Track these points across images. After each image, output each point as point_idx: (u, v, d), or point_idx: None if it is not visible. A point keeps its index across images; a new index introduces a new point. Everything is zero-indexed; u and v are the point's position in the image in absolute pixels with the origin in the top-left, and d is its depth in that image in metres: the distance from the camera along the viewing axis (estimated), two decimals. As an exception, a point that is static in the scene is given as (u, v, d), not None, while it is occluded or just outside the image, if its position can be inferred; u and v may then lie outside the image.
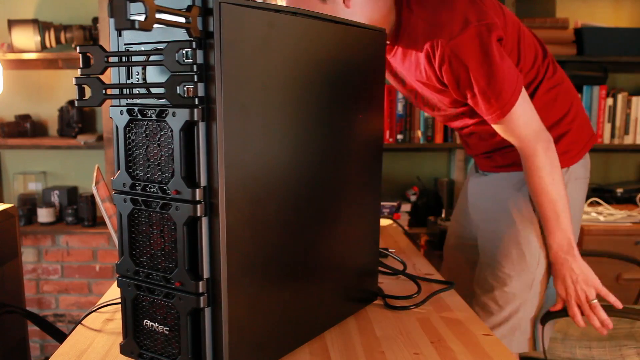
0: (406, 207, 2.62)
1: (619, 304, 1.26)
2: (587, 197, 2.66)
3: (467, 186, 1.52)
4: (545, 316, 1.32)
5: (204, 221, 0.69)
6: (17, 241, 1.37)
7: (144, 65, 0.71)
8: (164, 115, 0.69)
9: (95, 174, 1.11)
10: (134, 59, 0.72)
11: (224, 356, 0.72)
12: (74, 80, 0.71)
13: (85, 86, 0.71)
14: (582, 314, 1.26)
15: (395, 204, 2.61)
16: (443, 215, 2.62)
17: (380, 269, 1.20)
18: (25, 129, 2.68)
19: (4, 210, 1.31)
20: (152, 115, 0.70)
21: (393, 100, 2.57)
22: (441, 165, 2.84)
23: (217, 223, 0.69)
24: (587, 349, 1.43)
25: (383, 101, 1.02)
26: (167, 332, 0.74)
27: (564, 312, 1.29)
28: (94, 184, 1.07)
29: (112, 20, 0.64)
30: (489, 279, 1.32)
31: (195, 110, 0.66)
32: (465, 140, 1.44)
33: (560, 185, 1.22)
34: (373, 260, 1.05)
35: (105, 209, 1.09)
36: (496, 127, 1.21)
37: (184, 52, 0.66)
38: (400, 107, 2.58)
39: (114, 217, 1.18)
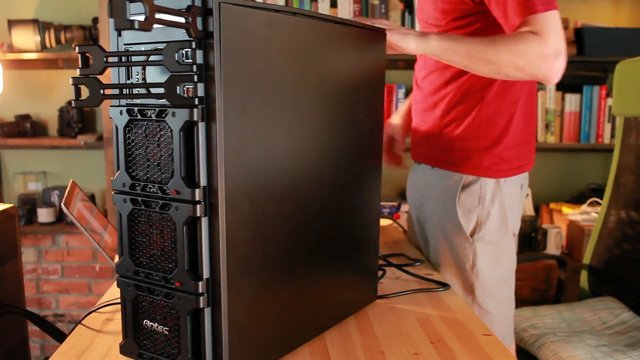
0: (406, 207, 2.62)
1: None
2: (587, 197, 2.68)
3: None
4: None
5: (204, 221, 0.69)
6: (17, 241, 1.37)
7: (144, 65, 0.71)
8: (163, 116, 0.69)
9: (67, 192, 1.11)
10: (134, 59, 0.72)
11: (224, 356, 0.72)
12: (71, 80, 0.71)
13: (84, 86, 0.71)
14: None
15: (395, 204, 2.61)
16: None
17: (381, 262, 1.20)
18: (25, 129, 2.68)
19: (4, 210, 1.31)
20: (152, 116, 0.70)
21: (393, 100, 2.57)
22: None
23: (216, 223, 0.69)
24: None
25: (383, 101, 1.02)
26: (166, 332, 0.74)
27: None
28: (63, 203, 1.07)
29: (111, 20, 0.64)
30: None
31: (195, 110, 0.66)
32: (415, 99, 1.38)
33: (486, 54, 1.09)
34: (373, 260, 1.05)
35: (79, 219, 1.10)
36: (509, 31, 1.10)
37: (183, 52, 0.66)
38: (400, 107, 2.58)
39: (91, 222, 1.18)
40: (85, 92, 0.70)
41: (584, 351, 1.41)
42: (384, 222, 1.78)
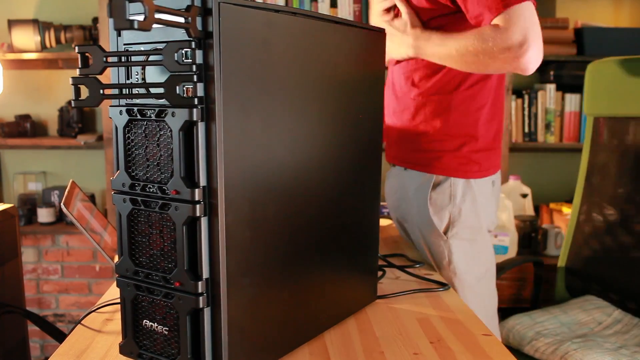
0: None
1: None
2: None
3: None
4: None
5: (204, 221, 0.69)
6: (17, 241, 1.37)
7: (144, 65, 0.71)
8: (163, 115, 0.69)
9: (66, 192, 1.11)
10: (133, 59, 0.72)
11: (224, 356, 0.72)
12: (70, 80, 0.71)
13: (83, 86, 0.71)
14: None
15: (395, 204, 2.60)
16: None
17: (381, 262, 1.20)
18: (25, 129, 2.68)
19: (4, 210, 1.31)
20: (152, 115, 0.70)
21: (393, 100, 2.57)
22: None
23: (216, 223, 0.69)
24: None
25: (383, 101, 1.02)
26: (166, 332, 0.74)
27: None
28: (62, 203, 1.07)
29: (111, 20, 0.64)
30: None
31: (195, 110, 0.66)
32: (390, 96, 1.39)
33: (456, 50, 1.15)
34: (373, 260, 1.05)
35: (79, 220, 1.10)
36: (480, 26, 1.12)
37: (183, 52, 0.66)
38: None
39: (91, 222, 1.18)
40: (85, 92, 0.70)
41: (611, 357, 1.40)
42: (384, 222, 1.78)
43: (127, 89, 0.72)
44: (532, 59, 1.09)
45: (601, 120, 1.75)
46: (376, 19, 1.35)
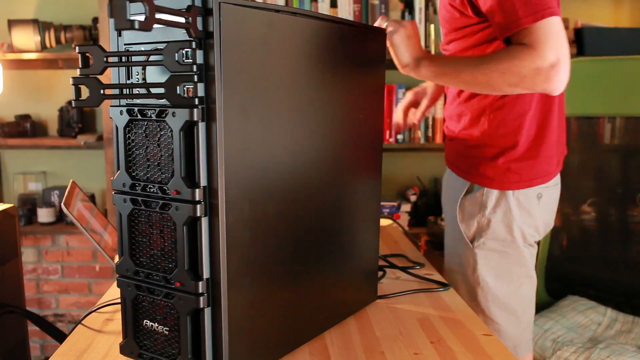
0: (406, 207, 2.63)
1: None
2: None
3: None
4: None
5: (204, 221, 0.69)
6: (17, 241, 1.37)
7: (144, 65, 0.71)
8: (163, 116, 0.69)
9: (67, 192, 1.11)
10: (134, 59, 0.72)
11: (224, 356, 0.72)
12: (71, 80, 0.71)
13: (84, 86, 0.71)
14: None
15: (395, 204, 2.61)
16: (443, 215, 2.62)
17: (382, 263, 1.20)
18: (25, 129, 2.68)
19: (4, 210, 1.31)
20: (152, 115, 0.70)
21: (393, 100, 2.57)
22: (441, 165, 2.83)
23: (217, 223, 0.69)
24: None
25: (383, 101, 1.02)
26: (167, 332, 0.74)
27: None
28: (63, 203, 1.07)
29: (112, 20, 0.64)
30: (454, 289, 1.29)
31: (195, 110, 0.66)
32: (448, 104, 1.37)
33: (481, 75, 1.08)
34: (373, 260, 1.05)
35: (79, 220, 1.10)
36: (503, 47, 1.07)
37: (183, 52, 0.66)
38: (400, 107, 2.58)
39: (91, 222, 1.18)
40: (85, 92, 0.70)
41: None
42: (384, 222, 1.77)
43: (128, 89, 0.72)
44: (562, 80, 1.03)
45: (572, 120, 1.75)
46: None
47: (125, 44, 0.73)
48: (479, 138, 1.25)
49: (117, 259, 0.86)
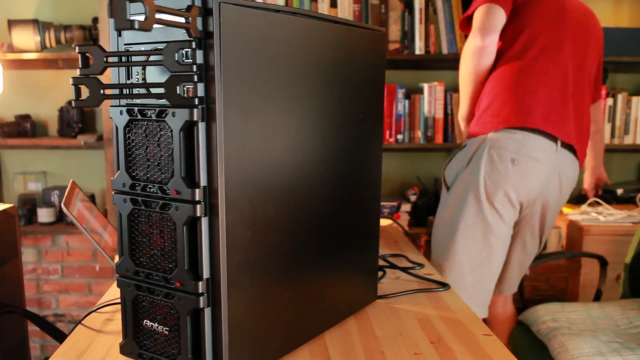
0: (406, 207, 2.62)
1: None
2: (587, 198, 2.67)
3: None
4: None
5: (204, 221, 0.69)
6: (17, 241, 1.37)
7: (144, 65, 0.71)
8: (163, 116, 0.69)
9: (67, 192, 1.11)
10: (134, 59, 0.72)
11: (224, 356, 0.72)
12: (71, 80, 0.71)
13: (84, 86, 0.71)
14: None
15: (395, 204, 2.61)
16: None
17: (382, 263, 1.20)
18: (25, 129, 2.68)
19: (4, 210, 1.31)
20: (152, 116, 0.70)
21: (393, 100, 2.57)
22: (441, 165, 2.84)
23: (217, 223, 0.69)
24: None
25: (383, 101, 1.02)
26: (167, 332, 0.74)
27: None
28: (63, 203, 1.07)
29: (111, 21, 0.64)
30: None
31: (195, 110, 0.66)
32: None
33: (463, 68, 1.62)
34: (373, 260, 1.05)
35: (79, 220, 1.10)
36: None
37: (183, 52, 0.66)
38: (400, 107, 2.58)
39: (91, 222, 1.18)
40: (85, 92, 0.70)
41: (591, 345, 1.43)
42: (384, 222, 1.77)
43: (128, 89, 0.72)
44: (485, 56, 1.56)
45: None
46: None
47: (125, 44, 0.73)
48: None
49: (117, 259, 0.86)
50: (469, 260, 1.56)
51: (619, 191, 2.64)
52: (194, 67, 0.65)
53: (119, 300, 1.01)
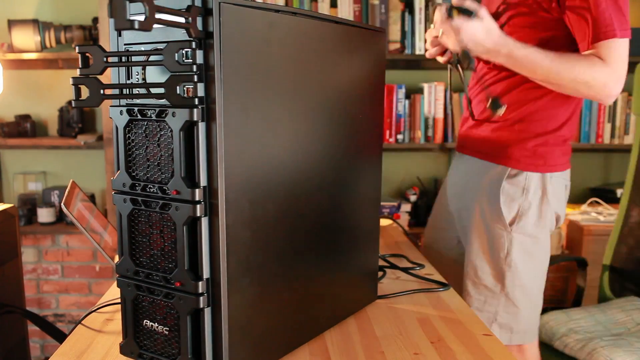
0: (406, 207, 2.62)
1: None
2: (587, 197, 2.67)
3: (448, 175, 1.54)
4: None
5: (204, 221, 0.69)
6: (17, 241, 1.37)
7: (144, 65, 0.71)
8: (163, 116, 0.69)
9: (67, 192, 1.11)
10: (134, 59, 0.72)
11: (224, 356, 0.72)
12: (71, 80, 0.71)
13: (84, 86, 0.71)
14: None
15: (395, 204, 2.61)
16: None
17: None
18: (25, 129, 2.68)
19: (4, 210, 1.31)
20: (152, 116, 0.70)
21: (393, 100, 2.57)
22: (441, 165, 2.84)
23: (217, 223, 0.69)
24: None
25: (383, 101, 1.02)
26: (167, 332, 0.74)
27: None
28: (63, 203, 1.07)
29: (111, 21, 0.64)
30: (472, 273, 1.35)
31: (195, 110, 0.66)
32: (475, 94, 1.41)
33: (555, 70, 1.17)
34: (373, 260, 1.05)
35: (79, 220, 1.10)
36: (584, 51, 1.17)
37: (183, 52, 0.66)
38: (400, 107, 2.58)
39: (91, 222, 1.18)
40: (85, 92, 0.70)
41: (638, 356, 1.40)
42: (384, 222, 1.77)
43: (128, 89, 0.72)
44: (617, 95, 1.17)
45: None
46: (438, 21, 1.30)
47: (125, 44, 0.73)
48: (516, 122, 1.31)
49: (117, 259, 0.86)
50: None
51: (619, 191, 2.64)
52: (194, 67, 0.65)
53: (119, 300, 1.01)
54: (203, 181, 0.68)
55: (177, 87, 0.66)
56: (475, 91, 1.41)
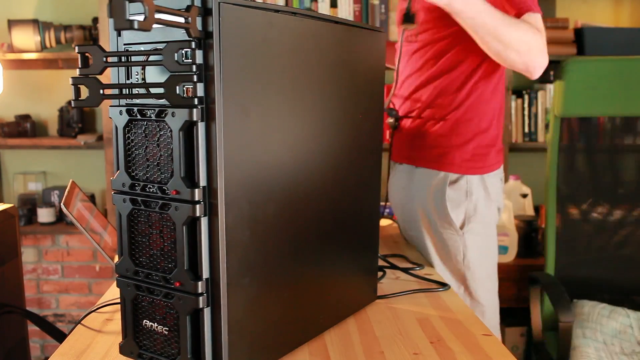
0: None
1: None
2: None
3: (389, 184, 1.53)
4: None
5: (204, 221, 0.69)
6: (17, 241, 1.37)
7: (144, 65, 0.71)
8: (163, 115, 0.69)
9: (66, 192, 1.11)
10: (134, 59, 0.72)
11: (224, 356, 0.72)
12: (71, 80, 0.71)
13: (83, 86, 0.71)
14: None
15: (395, 204, 2.60)
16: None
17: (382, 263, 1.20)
18: (25, 129, 2.68)
19: (4, 210, 1.31)
20: (152, 115, 0.70)
21: (393, 100, 2.56)
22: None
23: (216, 223, 0.69)
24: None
25: (383, 101, 1.02)
26: (166, 332, 0.74)
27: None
28: (62, 203, 1.07)
29: (111, 20, 0.64)
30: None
31: (195, 110, 0.66)
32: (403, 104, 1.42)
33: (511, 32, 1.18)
34: (373, 260, 1.05)
35: (79, 220, 1.09)
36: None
37: (183, 52, 0.66)
38: (400, 107, 2.57)
39: (91, 222, 1.18)
40: (85, 92, 0.70)
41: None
42: (384, 222, 1.77)
43: (127, 89, 0.72)
44: (543, 65, 1.20)
45: (573, 120, 1.74)
46: None
47: (124, 44, 0.73)
48: (448, 127, 1.32)
49: (117, 259, 0.86)
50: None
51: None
52: (194, 67, 0.65)
53: (118, 300, 1.01)
54: (203, 181, 0.68)
55: (177, 87, 0.66)
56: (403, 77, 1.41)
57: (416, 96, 1.36)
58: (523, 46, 1.16)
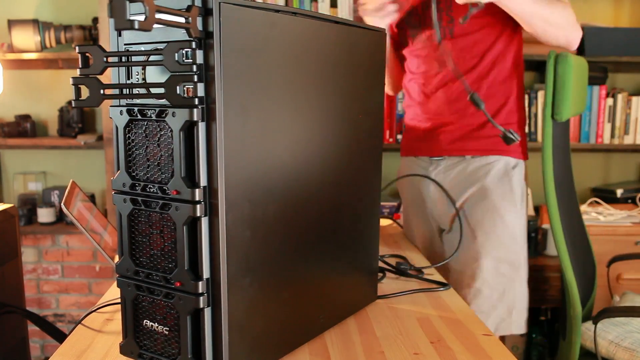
0: (406, 207, 2.62)
1: None
2: (587, 197, 2.67)
3: (421, 186, 1.54)
4: (600, 313, 1.37)
5: (204, 221, 0.69)
6: (17, 241, 1.37)
7: (144, 65, 0.71)
8: (163, 115, 0.69)
9: (67, 192, 1.11)
10: (134, 59, 0.72)
11: (224, 356, 0.72)
12: (71, 80, 0.71)
13: (84, 86, 0.71)
14: None
15: (395, 204, 2.61)
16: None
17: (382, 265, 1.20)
18: (25, 129, 2.68)
19: (4, 210, 1.31)
20: (152, 115, 0.70)
21: (393, 100, 2.57)
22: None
23: (217, 223, 0.69)
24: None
25: (383, 101, 1.02)
26: (167, 332, 0.74)
27: (622, 312, 1.41)
28: (63, 203, 1.07)
29: (111, 20, 0.64)
30: (476, 263, 1.42)
31: (195, 110, 0.66)
32: (422, 107, 1.50)
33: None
34: (373, 260, 1.05)
35: (79, 220, 1.10)
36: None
37: (183, 52, 0.66)
38: (400, 107, 2.58)
39: (91, 222, 1.18)
40: (85, 92, 0.70)
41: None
42: (384, 222, 1.78)
43: (128, 89, 0.72)
44: (580, 37, 1.35)
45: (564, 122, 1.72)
46: None
47: (125, 44, 0.73)
48: (506, 113, 1.43)
49: (117, 259, 0.86)
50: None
51: (619, 191, 2.64)
52: (194, 67, 0.65)
53: (119, 300, 1.01)
54: (203, 181, 0.68)
55: (177, 87, 0.66)
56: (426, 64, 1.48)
57: (466, 85, 1.41)
58: (563, 21, 1.29)
